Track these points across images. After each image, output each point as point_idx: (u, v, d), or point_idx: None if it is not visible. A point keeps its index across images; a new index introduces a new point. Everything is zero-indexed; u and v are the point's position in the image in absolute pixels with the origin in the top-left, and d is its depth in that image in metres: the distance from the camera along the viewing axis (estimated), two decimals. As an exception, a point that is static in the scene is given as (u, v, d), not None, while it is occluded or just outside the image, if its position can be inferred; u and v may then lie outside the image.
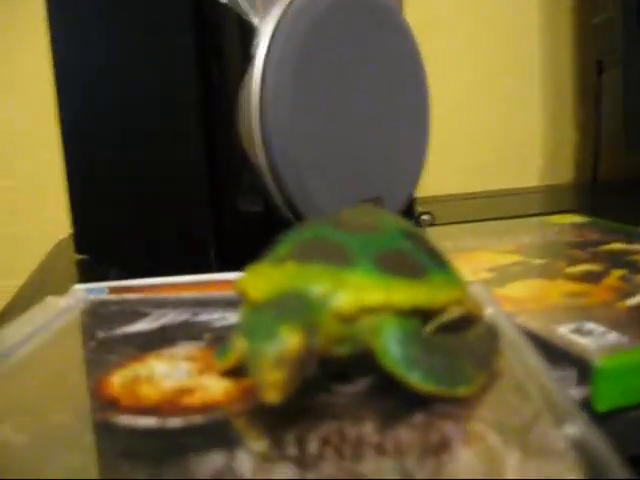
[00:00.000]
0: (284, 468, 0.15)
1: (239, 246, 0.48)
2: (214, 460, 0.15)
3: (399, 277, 0.18)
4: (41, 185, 0.77)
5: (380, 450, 0.15)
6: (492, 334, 0.20)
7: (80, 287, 0.35)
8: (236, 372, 0.19)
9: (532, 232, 0.43)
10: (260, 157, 0.45)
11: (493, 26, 0.85)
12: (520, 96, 0.88)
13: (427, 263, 0.19)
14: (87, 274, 0.55)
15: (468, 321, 0.21)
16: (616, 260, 0.34)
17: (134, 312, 0.27)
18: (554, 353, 0.23)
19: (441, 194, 0.79)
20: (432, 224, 0.64)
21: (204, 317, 0.26)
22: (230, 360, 0.19)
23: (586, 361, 0.22)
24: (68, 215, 0.60)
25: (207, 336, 0.24)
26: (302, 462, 0.15)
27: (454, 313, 0.19)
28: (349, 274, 0.17)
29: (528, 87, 0.88)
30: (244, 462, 0.15)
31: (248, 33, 0.46)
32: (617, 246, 0.37)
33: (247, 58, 0.45)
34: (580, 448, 0.15)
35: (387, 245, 0.19)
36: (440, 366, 0.17)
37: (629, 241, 0.38)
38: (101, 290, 0.34)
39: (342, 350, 0.17)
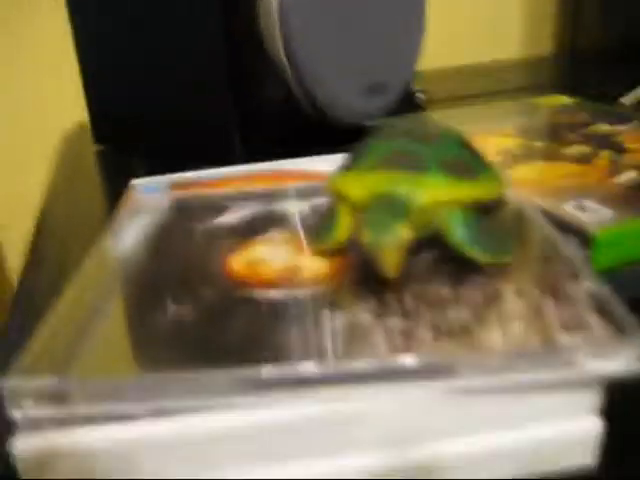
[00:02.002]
0: (394, 319, 0.21)
1: (261, 134, 0.53)
2: (343, 318, 0.21)
3: (460, 178, 0.24)
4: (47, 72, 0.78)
5: (456, 303, 0.22)
6: (519, 214, 0.27)
7: (140, 182, 0.40)
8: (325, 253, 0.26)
9: (527, 114, 0.49)
10: (279, 47, 0.50)
11: None
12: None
13: (477, 165, 0.25)
14: (110, 165, 0.59)
15: (502, 202, 0.27)
16: (603, 141, 0.40)
17: (215, 207, 0.33)
18: (561, 225, 0.30)
19: (427, 68, 0.81)
20: (426, 101, 0.69)
21: (278, 207, 0.32)
22: (331, 244, 0.25)
23: (586, 232, 0.29)
24: (76, 103, 0.62)
25: (290, 224, 0.30)
26: (406, 314, 0.21)
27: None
28: (425, 178, 0.24)
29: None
30: (365, 317, 0.21)
31: None
32: (602, 127, 0.43)
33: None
34: (595, 298, 0.22)
35: (448, 152, 0.25)
36: (491, 242, 0.24)
37: (612, 122, 0.44)
38: (162, 183, 0.39)
39: (420, 234, 0.24)
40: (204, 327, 0.22)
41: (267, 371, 0.18)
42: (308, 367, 0.18)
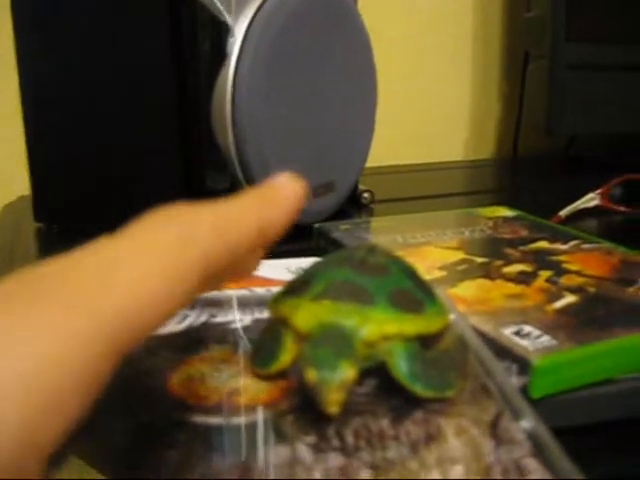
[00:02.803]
0: (336, 457, 0.21)
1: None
2: (283, 452, 0.21)
3: (406, 311, 0.24)
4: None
5: (397, 440, 0.22)
6: (462, 343, 0.27)
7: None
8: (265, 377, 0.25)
9: (470, 225, 0.50)
10: (229, 141, 0.50)
11: (430, 11, 0.91)
12: (451, 76, 0.95)
13: (423, 298, 0.25)
14: (50, 246, 0.57)
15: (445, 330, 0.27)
16: (542, 260, 0.41)
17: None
18: (500, 350, 0.30)
19: (373, 166, 0.83)
20: (372, 201, 0.70)
21: (221, 319, 0.31)
22: (273, 371, 0.25)
23: (526, 360, 0.29)
24: (17, 180, 0.60)
25: (230, 339, 0.29)
26: (346, 451, 0.21)
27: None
28: (371, 311, 0.24)
29: (459, 68, 0.95)
30: (305, 453, 0.21)
31: (223, 31, 0.50)
32: (543, 244, 0.45)
33: (221, 55, 0.49)
34: (533, 438, 0.22)
35: (396, 285, 0.25)
36: (434, 376, 0.24)
37: (552, 239, 0.46)
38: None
39: (364, 365, 0.24)
40: (135, 454, 0.21)
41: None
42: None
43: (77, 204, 0.57)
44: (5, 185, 0.77)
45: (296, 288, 0.26)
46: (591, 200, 0.62)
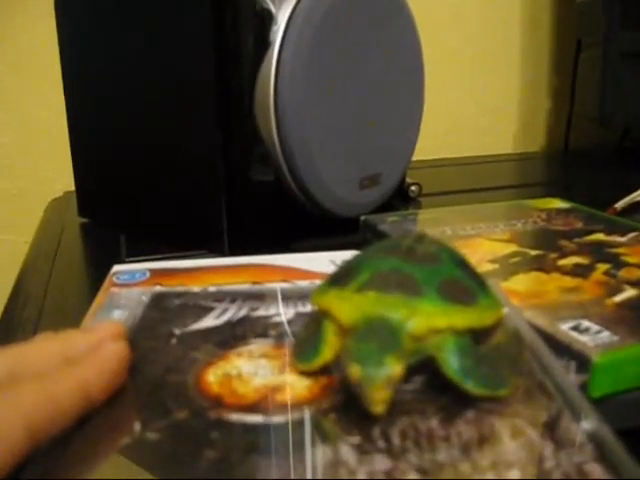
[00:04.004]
0: (381, 459, 0.19)
1: (249, 222, 0.52)
2: (325, 453, 0.20)
3: (456, 303, 0.23)
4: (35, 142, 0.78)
5: (447, 441, 0.20)
6: (517, 338, 0.25)
7: (120, 269, 0.39)
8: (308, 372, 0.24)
9: (522, 217, 0.48)
10: (272, 132, 0.49)
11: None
12: (500, 66, 0.92)
13: (475, 289, 0.24)
14: (95, 240, 0.58)
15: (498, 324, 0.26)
16: (600, 252, 0.39)
17: (197, 306, 0.31)
18: (558, 346, 0.28)
19: (421, 160, 0.81)
20: (420, 194, 0.69)
21: (262, 312, 0.30)
22: (315, 366, 0.23)
23: (585, 357, 0.27)
24: (63, 173, 0.61)
25: (272, 333, 0.28)
26: (392, 453, 0.20)
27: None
28: (419, 302, 0.22)
29: (508, 58, 0.92)
30: (349, 455, 0.20)
31: (266, 19, 0.48)
32: (599, 236, 0.42)
33: (265, 44, 0.48)
34: (595, 440, 0.20)
35: (446, 275, 0.23)
36: (486, 373, 0.22)
37: (609, 231, 0.43)
38: (143, 272, 0.38)
39: (412, 360, 0.22)
40: (170, 455, 0.20)
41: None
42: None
43: (119, 201, 0.57)
44: (51, 182, 0.78)
45: (340, 279, 0.24)
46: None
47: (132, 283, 0.36)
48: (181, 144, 0.50)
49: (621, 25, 0.77)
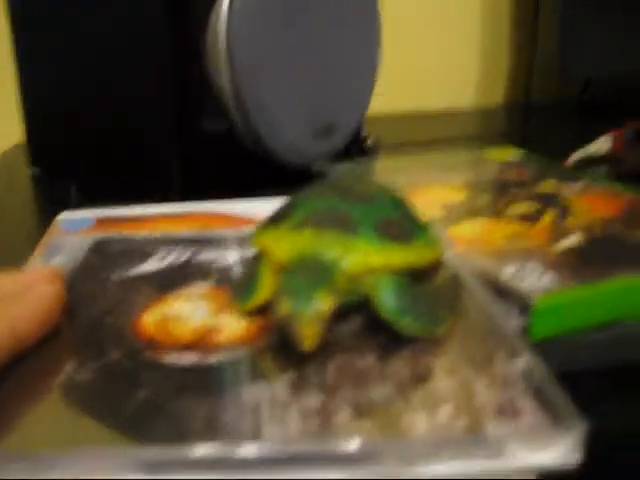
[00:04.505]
0: (312, 396, 0.19)
1: (202, 170, 0.51)
2: (259, 390, 0.19)
3: (393, 242, 0.22)
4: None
5: (382, 378, 0.20)
6: (455, 281, 0.25)
7: (66, 216, 0.38)
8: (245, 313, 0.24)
9: (475, 167, 0.48)
10: (224, 81, 0.48)
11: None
12: (460, 16, 0.91)
13: (413, 229, 0.24)
14: (46, 190, 0.57)
15: (437, 266, 0.25)
16: (548, 201, 0.39)
17: (139, 251, 0.31)
18: (501, 291, 0.28)
19: (378, 112, 0.81)
20: (377, 146, 0.68)
21: (205, 256, 0.30)
22: (251, 306, 0.23)
23: (526, 300, 0.27)
24: (17, 127, 0.60)
25: (213, 276, 0.28)
26: (325, 388, 0.19)
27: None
28: (355, 241, 0.22)
29: (469, 8, 0.91)
30: (282, 390, 0.19)
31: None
32: (549, 186, 0.43)
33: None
34: (531, 379, 0.20)
35: (384, 215, 0.23)
36: (423, 312, 0.22)
37: (560, 180, 0.43)
38: (89, 220, 0.37)
39: (346, 300, 0.22)
40: (101, 394, 0.20)
41: (158, 452, 0.16)
42: (205, 449, 0.16)
43: (71, 152, 0.56)
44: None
45: (277, 218, 0.24)
46: (604, 144, 0.60)
47: (78, 230, 0.35)
48: (133, 92, 0.49)
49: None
